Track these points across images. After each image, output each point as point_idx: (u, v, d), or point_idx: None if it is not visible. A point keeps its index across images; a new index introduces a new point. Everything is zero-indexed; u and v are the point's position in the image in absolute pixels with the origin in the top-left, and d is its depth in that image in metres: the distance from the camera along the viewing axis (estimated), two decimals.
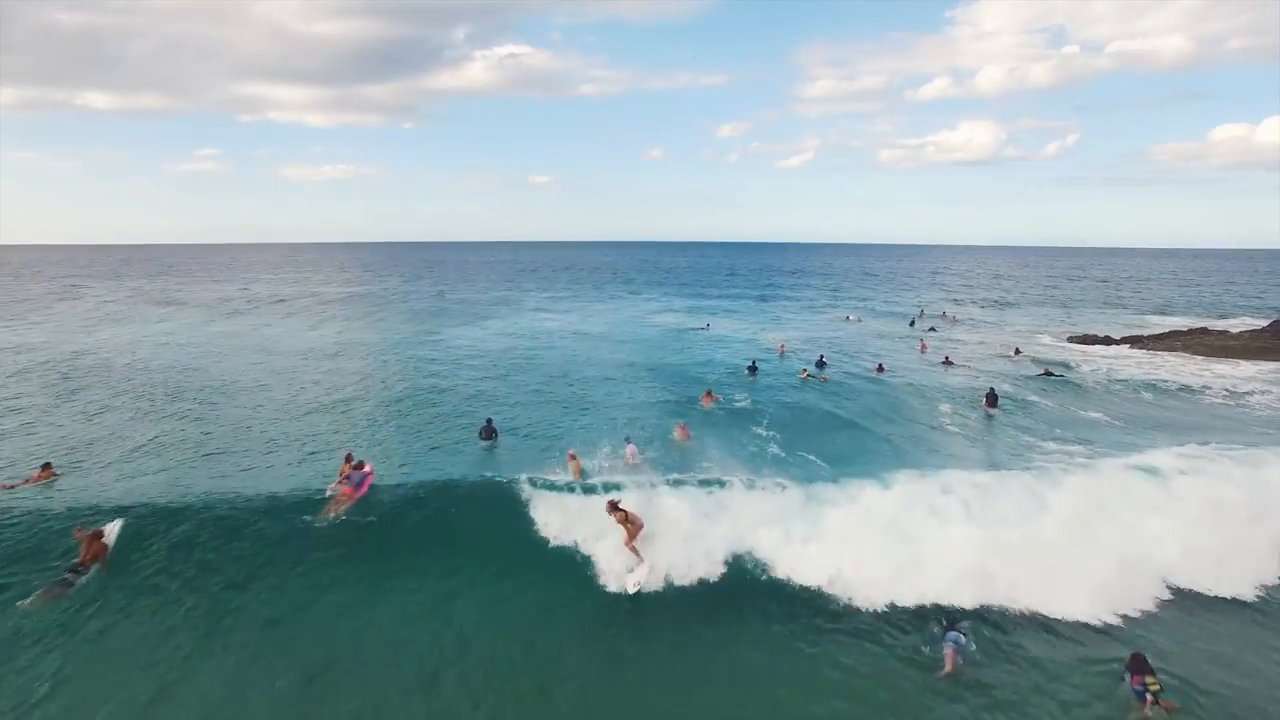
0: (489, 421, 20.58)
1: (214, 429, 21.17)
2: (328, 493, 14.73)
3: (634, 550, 12.88)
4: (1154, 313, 64.56)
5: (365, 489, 14.89)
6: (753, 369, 30.56)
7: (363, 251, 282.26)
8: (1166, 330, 46.95)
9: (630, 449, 18.07)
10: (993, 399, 25.58)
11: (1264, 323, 50.00)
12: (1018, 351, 37.84)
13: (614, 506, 13.10)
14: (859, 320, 53.98)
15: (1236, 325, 51.26)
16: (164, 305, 62.52)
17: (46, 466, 16.90)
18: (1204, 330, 45.73)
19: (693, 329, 46.69)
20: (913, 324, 51.74)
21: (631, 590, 12.27)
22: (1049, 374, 31.19)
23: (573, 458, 16.77)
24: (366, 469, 15.46)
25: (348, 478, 14.96)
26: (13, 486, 15.98)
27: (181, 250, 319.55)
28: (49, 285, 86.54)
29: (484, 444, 19.81)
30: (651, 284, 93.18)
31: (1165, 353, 39.91)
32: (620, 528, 12.97)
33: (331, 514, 14.05)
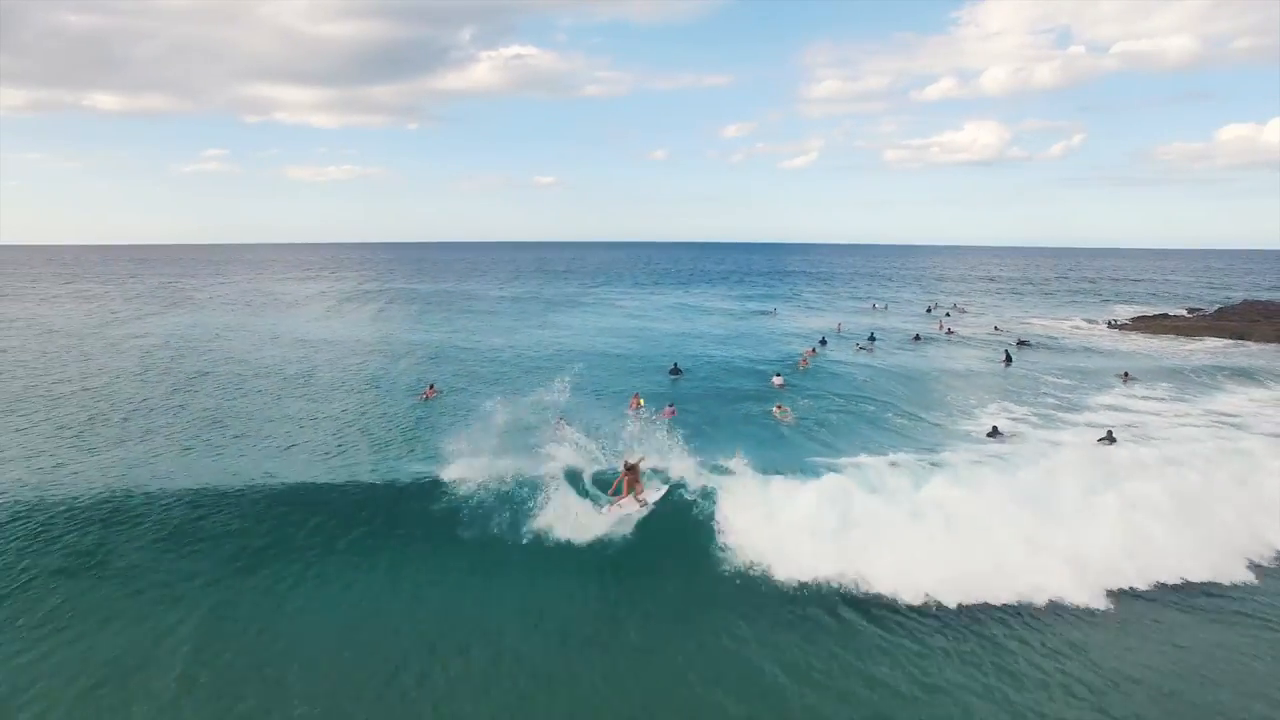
0: (675, 365, 31.75)
1: (477, 381, 32.22)
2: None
3: (628, 498, 15.32)
4: (1131, 303, 75.70)
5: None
6: (823, 341, 41.73)
7: (374, 251, 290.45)
8: (1135, 315, 58.16)
9: (778, 379, 29.04)
10: (1009, 358, 36.91)
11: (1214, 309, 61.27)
12: (996, 328, 49.74)
13: (629, 468, 15.45)
14: (885, 308, 65.23)
15: (1193, 313, 62.49)
16: (275, 297, 72.41)
17: (431, 386, 27.93)
18: (1164, 315, 57.04)
19: (760, 313, 58.21)
20: (929, 311, 62.94)
21: (603, 510, 14.98)
22: (1022, 343, 42.34)
23: (780, 408, 24.67)
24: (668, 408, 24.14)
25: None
26: (426, 398, 26.98)
27: (193, 250, 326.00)
28: (146, 283, 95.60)
29: (673, 378, 30.85)
30: (683, 282, 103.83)
31: (1132, 332, 50.98)
32: (626, 485, 15.43)
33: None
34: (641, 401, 25.35)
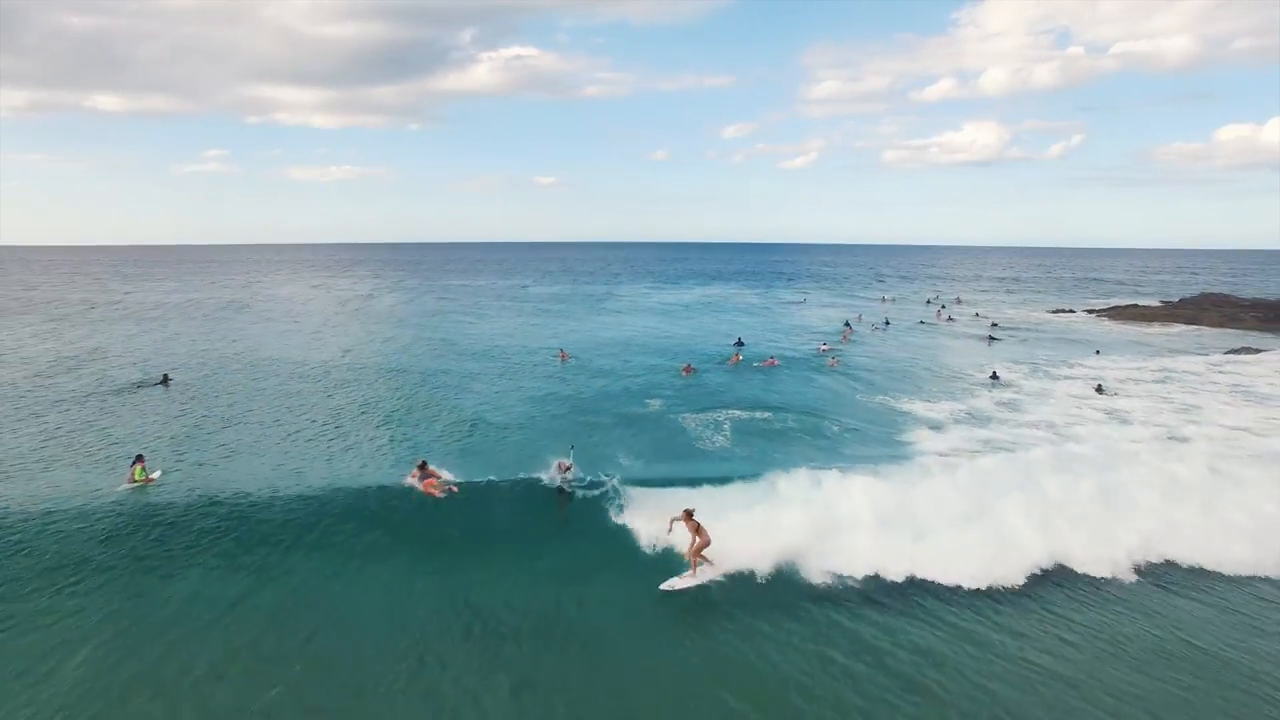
0: (739, 339, 40.67)
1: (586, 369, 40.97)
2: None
3: (693, 560, 13.33)
4: (1111, 296, 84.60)
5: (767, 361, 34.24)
6: (847, 324, 50.71)
7: (379, 251, 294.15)
8: (1110, 306, 67.38)
9: (824, 345, 38.19)
10: (991, 338, 45.84)
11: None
12: (977, 315, 59.20)
13: (689, 515, 13.46)
14: (893, 300, 74.41)
15: (1163, 303, 71.66)
16: (338, 295, 79.31)
17: (563, 351, 36.74)
18: (1134, 305, 66.33)
19: (789, 304, 67.63)
20: (929, 303, 72.02)
21: (663, 588, 12.94)
22: (995, 325, 51.35)
23: (834, 361, 34.95)
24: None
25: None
26: (562, 360, 35.72)
27: (199, 251, 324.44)
28: (216, 281, 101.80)
29: (735, 346, 39.54)
30: (695, 279, 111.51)
31: (1104, 319, 59.98)
32: (691, 536, 13.37)
33: None
34: (741, 357, 34.58)
